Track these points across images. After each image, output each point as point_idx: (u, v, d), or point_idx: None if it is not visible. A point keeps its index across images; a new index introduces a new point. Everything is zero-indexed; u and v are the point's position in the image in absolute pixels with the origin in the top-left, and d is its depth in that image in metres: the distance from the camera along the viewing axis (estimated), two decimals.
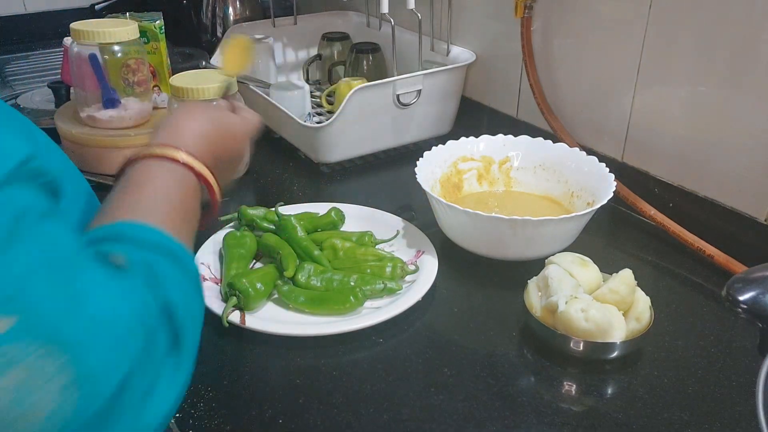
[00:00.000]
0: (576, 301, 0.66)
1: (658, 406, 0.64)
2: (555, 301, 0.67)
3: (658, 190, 0.93)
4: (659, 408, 0.63)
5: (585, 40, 0.99)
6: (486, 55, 1.17)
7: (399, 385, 0.66)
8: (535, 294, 0.72)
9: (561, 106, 1.05)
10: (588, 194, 0.88)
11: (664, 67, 0.89)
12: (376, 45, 1.31)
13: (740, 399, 0.64)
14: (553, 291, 0.69)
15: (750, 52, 0.79)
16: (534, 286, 0.73)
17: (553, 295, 0.68)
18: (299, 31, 1.43)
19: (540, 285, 0.72)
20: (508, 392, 0.66)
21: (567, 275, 0.71)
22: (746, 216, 0.83)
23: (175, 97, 1.00)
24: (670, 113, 0.90)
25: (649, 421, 0.62)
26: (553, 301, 0.67)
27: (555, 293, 0.68)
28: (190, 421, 0.62)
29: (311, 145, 1.10)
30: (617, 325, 0.67)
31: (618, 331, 0.67)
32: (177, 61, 1.29)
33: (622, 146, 0.97)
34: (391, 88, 1.07)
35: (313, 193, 1.03)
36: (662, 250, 0.88)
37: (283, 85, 1.21)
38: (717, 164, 0.86)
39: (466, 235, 0.83)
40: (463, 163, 0.95)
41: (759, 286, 0.48)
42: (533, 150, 0.95)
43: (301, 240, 0.81)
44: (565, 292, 0.68)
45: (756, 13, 0.77)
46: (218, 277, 0.80)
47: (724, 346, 0.71)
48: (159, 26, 1.12)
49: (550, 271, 0.71)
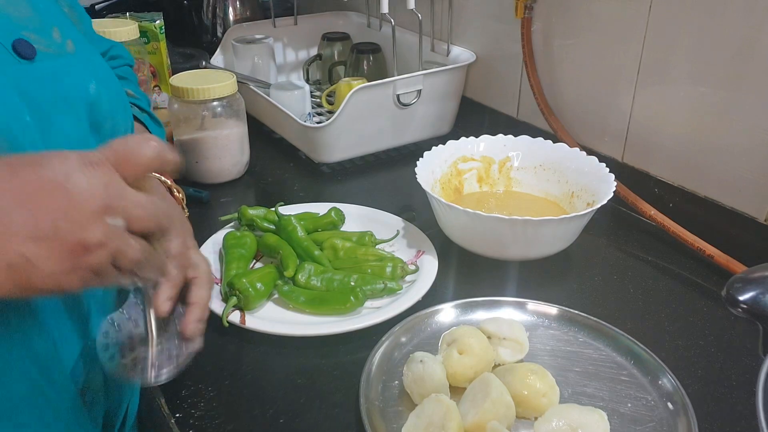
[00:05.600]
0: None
1: None
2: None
3: (658, 191, 0.93)
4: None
5: (585, 40, 0.99)
6: (486, 55, 1.17)
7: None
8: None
9: (561, 106, 1.05)
10: (588, 194, 0.88)
11: (664, 67, 0.89)
12: (376, 45, 1.31)
13: (740, 399, 0.64)
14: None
15: (750, 52, 0.79)
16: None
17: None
18: (299, 31, 1.43)
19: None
20: None
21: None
22: (746, 216, 0.83)
23: (175, 97, 1.01)
24: (671, 113, 0.90)
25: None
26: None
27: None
28: (190, 421, 0.62)
29: (311, 145, 1.10)
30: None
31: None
32: (177, 61, 1.29)
33: (623, 146, 0.98)
34: (391, 88, 1.07)
35: (314, 193, 1.03)
36: (662, 250, 0.88)
37: (283, 85, 1.21)
38: (717, 164, 0.86)
39: (466, 235, 0.83)
40: (463, 163, 0.95)
41: (759, 286, 0.48)
42: (533, 150, 0.95)
43: (302, 240, 0.81)
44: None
45: (756, 13, 0.77)
46: (218, 277, 0.80)
47: (724, 346, 0.71)
48: (159, 26, 1.12)
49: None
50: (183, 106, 1.01)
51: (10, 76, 0.47)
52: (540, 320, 0.73)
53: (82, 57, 0.57)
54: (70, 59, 0.55)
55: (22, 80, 0.49)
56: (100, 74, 0.58)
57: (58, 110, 0.52)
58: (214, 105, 1.01)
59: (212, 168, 1.03)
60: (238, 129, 1.04)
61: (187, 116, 1.01)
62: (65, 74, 0.54)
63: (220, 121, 1.02)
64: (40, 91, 0.50)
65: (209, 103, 1.00)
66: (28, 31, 0.51)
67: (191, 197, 1.00)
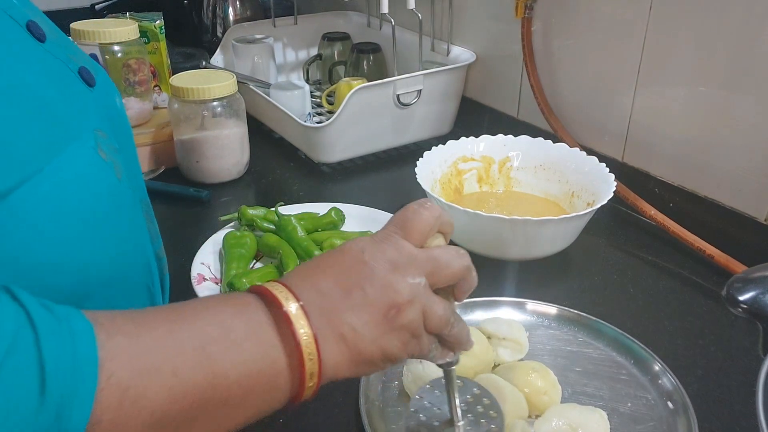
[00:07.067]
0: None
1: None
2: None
3: (658, 190, 0.93)
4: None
5: (585, 40, 0.99)
6: (486, 55, 1.17)
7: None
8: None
9: (561, 106, 1.05)
10: (588, 194, 0.88)
11: (665, 67, 0.89)
12: (376, 45, 1.31)
13: (740, 399, 0.64)
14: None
15: (750, 52, 0.79)
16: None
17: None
18: (299, 31, 1.43)
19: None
20: None
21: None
22: (746, 216, 0.83)
23: (175, 97, 1.01)
24: (671, 113, 0.90)
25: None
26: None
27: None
28: None
29: (311, 145, 1.10)
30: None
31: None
32: (177, 61, 1.29)
33: (623, 146, 0.98)
34: (391, 88, 1.07)
35: (313, 193, 1.03)
36: (662, 250, 0.88)
37: (283, 85, 1.21)
38: (717, 164, 0.86)
39: (466, 235, 0.83)
40: (463, 163, 0.95)
41: (759, 286, 0.48)
42: (533, 150, 0.95)
43: (302, 240, 0.81)
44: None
45: (756, 13, 0.77)
46: (218, 277, 0.80)
47: (724, 345, 0.71)
48: (159, 26, 1.12)
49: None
50: (183, 106, 1.01)
51: (32, 50, 0.47)
52: (540, 320, 0.73)
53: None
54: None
55: (44, 56, 0.48)
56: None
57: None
58: (214, 105, 1.01)
59: (212, 168, 1.03)
60: (238, 129, 1.04)
61: (187, 116, 1.01)
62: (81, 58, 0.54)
63: (220, 121, 1.02)
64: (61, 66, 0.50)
65: (209, 103, 1.00)
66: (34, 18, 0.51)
67: (191, 197, 1.00)
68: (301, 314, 0.41)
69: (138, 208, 0.55)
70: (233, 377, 0.39)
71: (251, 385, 0.40)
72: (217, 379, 0.38)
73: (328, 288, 0.43)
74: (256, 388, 0.40)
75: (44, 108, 0.43)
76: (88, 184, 0.45)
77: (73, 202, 0.43)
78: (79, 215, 0.44)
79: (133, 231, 0.53)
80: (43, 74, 0.45)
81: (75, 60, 0.51)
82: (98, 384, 0.34)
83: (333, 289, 0.43)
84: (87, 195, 0.45)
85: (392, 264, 0.45)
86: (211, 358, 0.38)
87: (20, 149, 0.39)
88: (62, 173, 0.42)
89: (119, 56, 1.03)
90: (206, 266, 0.81)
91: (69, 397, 0.33)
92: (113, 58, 1.02)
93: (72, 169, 0.43)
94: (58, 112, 0.45)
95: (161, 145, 1.06)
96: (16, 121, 0.40)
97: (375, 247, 0.46)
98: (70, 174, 0.43)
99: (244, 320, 0.41)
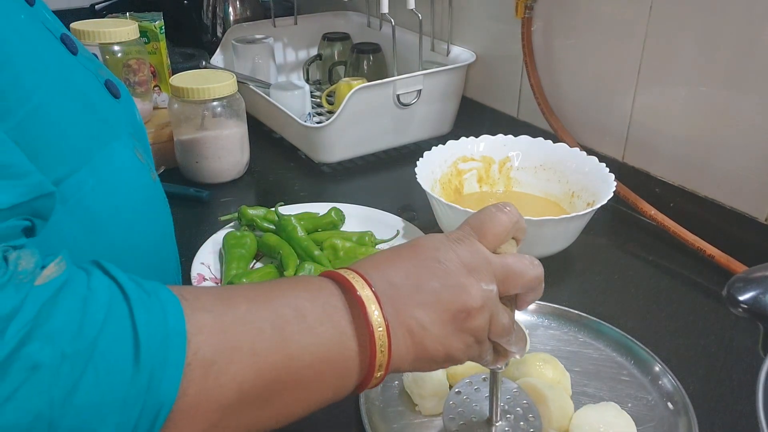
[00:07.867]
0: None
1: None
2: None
3: (658, 190, 0.93)
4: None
5: (586, 40, 0.99)
6: (486, 55, 1.17)
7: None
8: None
9: (561, 106, 1.05)
10: (588, 194, 0.88)
11: (665, 67, 0.89)
12: (376, 45, 1.31)
13: (740, 398, 0.64)
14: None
15: (750, 52, 0.79)
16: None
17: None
18: (299, 31, 1.43)
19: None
20: None
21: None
22: (746, 216, 0.83)
23: (175, 97, 1.00)
24: (671, 113, 0.90)
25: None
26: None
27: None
28: None
29: (311, 145, 1.10)
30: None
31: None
32: (177, 61, 1.29)
33: (623, 146, 0.97)
34: (391, 88, 1.07)
35: (314, 193, 1.03)
36: (662, 251, 0.88)
37: (283, 85, 1.21)
38: (717, 164, 0.86)
39: None
40: (463, 163, 0.95)
41: (759, 286, 0.48)
42: (533, 150, 0.95)
43: (302, 240, 0.81)
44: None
45: (756, 13, 0.77)
46: (218, 277, 0.80)
47: (724, 345, 0.71)
48: (159, 26, 1.12)
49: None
50: (183, 106, 1.01)
51: (71, 59, 0.49)
52: (540, 320, 0.73)
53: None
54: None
55: (79, 66, 0.51)
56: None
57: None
58: (214, 105, 1.01)
59: (212, 168, 1.03)
60: (238, 129, 1.04)
61: (187, 116, 1.01)
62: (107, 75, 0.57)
63: (220, 121, 1.02)
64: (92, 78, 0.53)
65: (209, 103, 1.00)
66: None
67: (191, 197, 1.00)
68: (374, 300, 0.41)
69: (169, 209, 0.58)
70: (307, 360, 0.39)
71: (323, 370, 0.40)
72: (292, 361, 0.39)
73: (400, 281, 0.43)
74: (328, 373, 0.41)
75: (90, 107, 0.46)
76: (129, 180, 0.48)
77: (118, 196, 0.46)
78: (125, 205, 0.47)
79: (166, 229, 0.57)
80: (85, 80, 0.48)
81: (102, 74, 0.53)
82: (186, 357, 0.35)
83: (404, 282, 0.43)
84: (128, 190, 0.48)
85: (466, 266, 0.44)
86: (288, 340, 0.39)
87: (73, 141, 0.42)
88: (107, 167, 0.45)
89: (119, 56, 1.03)
90: (206, 266, 0.81)
91: (159, 367, 0.34)
92: (113, 58, 1.02)
93: (115, 164, 0.46)
94: (101, 113, 0.47)
95: (161, 145, 1.06)
96: (72, 115, 0.43)
97: (449, 246, 0.45)
98: (114, 169, 0.46)
99: (319, 304, 0.41)
